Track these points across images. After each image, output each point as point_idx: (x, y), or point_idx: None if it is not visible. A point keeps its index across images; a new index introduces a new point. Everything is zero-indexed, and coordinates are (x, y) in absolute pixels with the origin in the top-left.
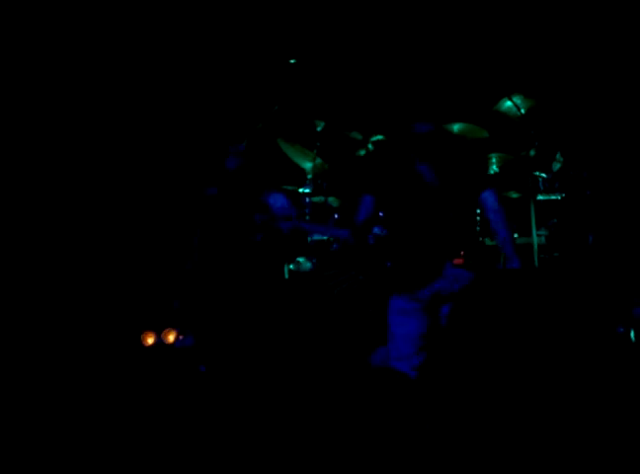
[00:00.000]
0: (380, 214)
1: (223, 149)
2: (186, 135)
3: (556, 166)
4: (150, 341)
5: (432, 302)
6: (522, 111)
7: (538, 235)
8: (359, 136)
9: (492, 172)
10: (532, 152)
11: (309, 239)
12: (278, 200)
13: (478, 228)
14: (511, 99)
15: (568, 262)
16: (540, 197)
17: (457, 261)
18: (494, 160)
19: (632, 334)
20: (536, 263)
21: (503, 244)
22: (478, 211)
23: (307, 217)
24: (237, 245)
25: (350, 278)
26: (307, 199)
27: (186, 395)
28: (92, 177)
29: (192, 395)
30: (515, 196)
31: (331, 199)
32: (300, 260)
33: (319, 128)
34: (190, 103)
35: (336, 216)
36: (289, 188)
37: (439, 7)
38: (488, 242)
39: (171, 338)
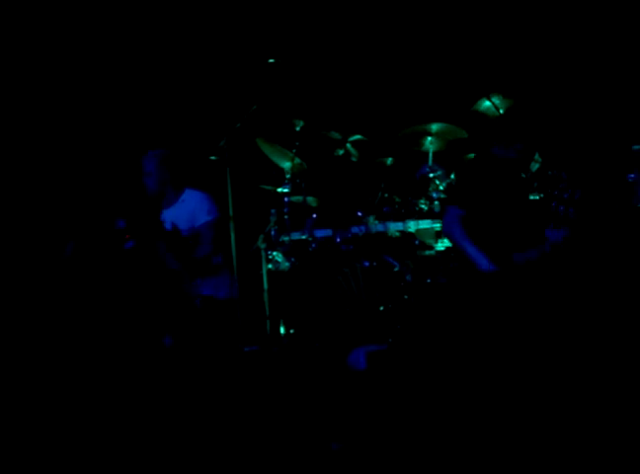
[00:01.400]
0: (359, 214)
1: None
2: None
3: (535, 166)
4: None
5: None
6: (501, 110)
7: None
8: (337, 136)
9: None
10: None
11: (287, 238)
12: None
13: None
14: (489, 99)
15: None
16: None
17: None
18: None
19: None
20: None
21: None
22: None
23: (285, 217)
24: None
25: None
26: (286, 199)
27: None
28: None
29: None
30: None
31: (310, 199)
32: (279, 259)
33: (298, 128)
34: (167, 103)
35: (314, 216)
36: (268, 187)
37: (418, 8)
38: None
39: None
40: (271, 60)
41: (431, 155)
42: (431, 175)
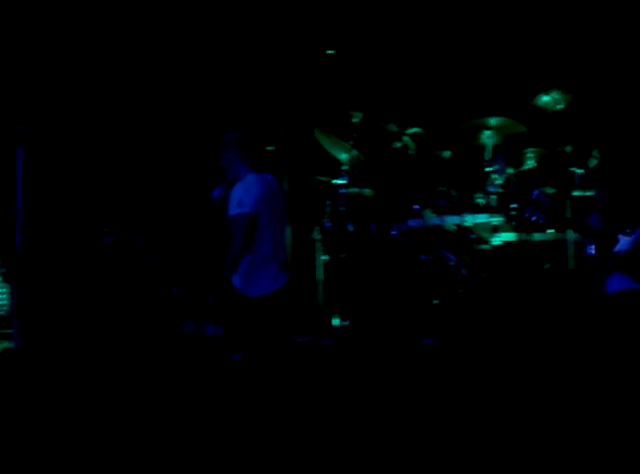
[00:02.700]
0: (416, 207)
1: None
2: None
3: (592, 162)
4: None
5: None
6: (560, 106)
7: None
8: (394, 128)
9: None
10: (569, 148)
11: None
12: None
13: None
14: (548, 94)
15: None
16: (576, 193)
17: None
18: (530, 155)
19: None
20: (571, 260)
21: None
22: None
23: (341, 209)
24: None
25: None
26: (342, 191)
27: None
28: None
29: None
30: (550, 191)
31: (366, 191)
32: (334, 250)
33: (356, 120)
34: (228, 93)
35: (371, 209)
36: (324, 179)
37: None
38: None
39: None
40: (330, 52)
41: (489, 149)
42: (487, 169)
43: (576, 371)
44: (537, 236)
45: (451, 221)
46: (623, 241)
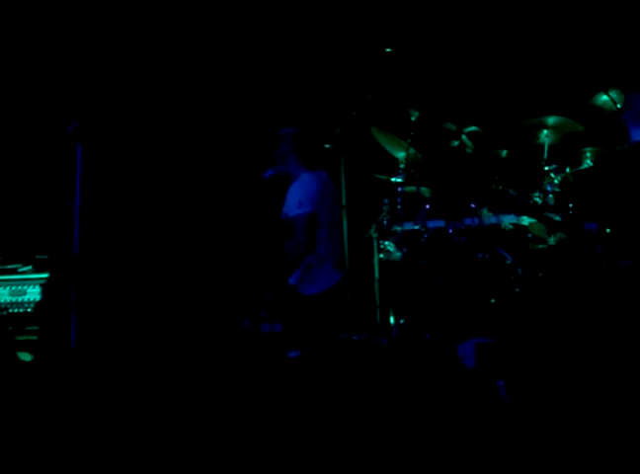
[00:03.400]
0: (472, 205)
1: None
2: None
3: None
4: None
5: None
6: (618, 105)
7: None
8: (452, 127)
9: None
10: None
11: (399, 228)
12: None
13: None
14: (607, 93)
15: None
16: None
17: None
18: (588, 154)
19: None
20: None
21: None
22: None
23: (398, 207)
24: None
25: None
26: (399, 189)
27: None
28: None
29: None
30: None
31: (423, 190)
32: (390, 249)
33: (413, 118)
34: (285, 90)
35: (427, 207)
36: (382, 177)
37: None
38: None
39: None
40: (388, 49)
41: (546, 148)
42: (546, 168)
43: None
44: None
45: (508, 220)
46: None
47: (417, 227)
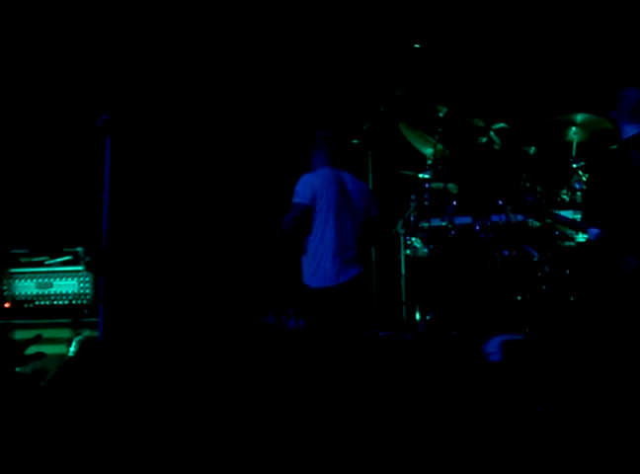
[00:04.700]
0: (499, 202)
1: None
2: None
3: None
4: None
5: None
6: None
7: None
8: (480, 123)
9: None
10: None
11: (426, 224)
12: None
13: None
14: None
15: None
16: None
17: None
18: None
19: None
20: None
21: None
22: None
23: (425, 203)
24: None
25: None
26: (426, 185)
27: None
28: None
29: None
30: None
31: (450, 186)
32: (417, 245)
33: (441, 114)
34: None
35: (454, 203)
36: (409, 173)
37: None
38: None
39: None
40: (416, 46)
41: (574, 146)
42: (574, 165)
43: None
44: None
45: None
46: None
47: (444, 223)
